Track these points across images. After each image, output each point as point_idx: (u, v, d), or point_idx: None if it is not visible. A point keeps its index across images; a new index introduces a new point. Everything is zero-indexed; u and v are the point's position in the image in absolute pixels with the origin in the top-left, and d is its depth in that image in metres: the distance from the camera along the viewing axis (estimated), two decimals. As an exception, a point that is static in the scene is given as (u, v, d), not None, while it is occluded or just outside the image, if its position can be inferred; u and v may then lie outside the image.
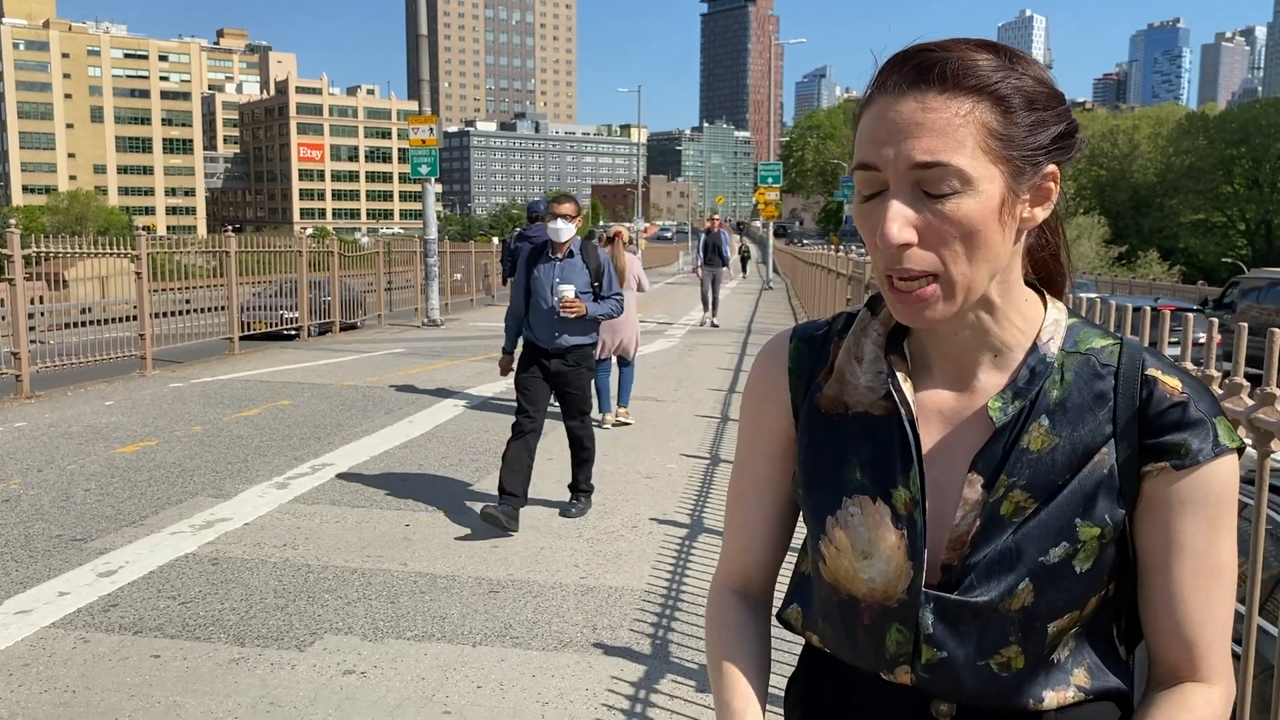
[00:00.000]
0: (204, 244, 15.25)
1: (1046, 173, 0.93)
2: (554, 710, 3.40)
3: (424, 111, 18.14)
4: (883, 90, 0.91)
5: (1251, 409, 1.98)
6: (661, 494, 6.19)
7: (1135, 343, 0.98)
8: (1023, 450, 0.95)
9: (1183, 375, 0.96)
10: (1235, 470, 0.94)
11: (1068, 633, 0.97)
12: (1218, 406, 0.95)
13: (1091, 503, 0.94)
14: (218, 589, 4.49)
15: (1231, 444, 0.93)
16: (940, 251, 0.90)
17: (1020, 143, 0.90)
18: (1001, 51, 0.91)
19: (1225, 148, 66.69)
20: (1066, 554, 0.94)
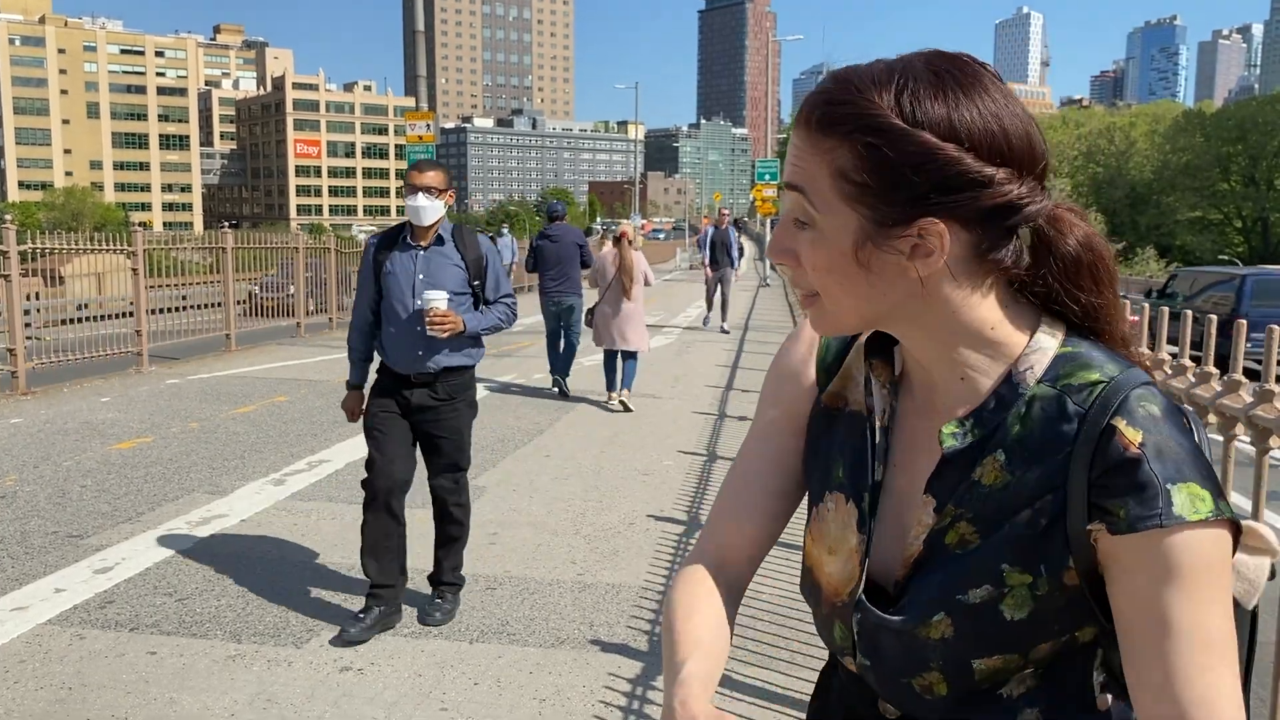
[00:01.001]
0: (200, 240, 15.22)
1: (923, 226, 0.87)
2: (551, 707, 3.40)
3: (421, 108, 18.11)
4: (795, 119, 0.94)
5: (1250, 405, 1.98)
6: (659, 491, 6.19)
7: (1125, 382, 0.88)
8: (974, 482, 0.92)
9: (1150, 429, 0.85)
10: (1208, 544, 0.85)
11: (1010, 672, 0.93)
12: (1188, 470, 0.84)
13: (1026, 550, 0.90)
14: (214, 586, 4.48)
15: (1192, 515, 0.83)
16: (808, 277, 0.92)
17: (880, 192, 0.87)
18: (905, 93, 0.86)
19: (1222, 145, 66.74)
20: (989, 597, 0.90)
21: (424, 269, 4.01)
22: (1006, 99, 0.89)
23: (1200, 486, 0.84)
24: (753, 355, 13.26)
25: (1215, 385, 2.14)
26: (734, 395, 9.92)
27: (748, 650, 3.78)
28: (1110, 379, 0.89)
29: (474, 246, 4.11)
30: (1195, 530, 0.84)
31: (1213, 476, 0.86)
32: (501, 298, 4.20)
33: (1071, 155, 72.79)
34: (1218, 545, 0.85)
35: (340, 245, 16.92)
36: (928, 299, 0.90)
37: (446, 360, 4.02)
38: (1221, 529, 0.85)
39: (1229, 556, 0.86)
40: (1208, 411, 2.12)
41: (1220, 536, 0.85)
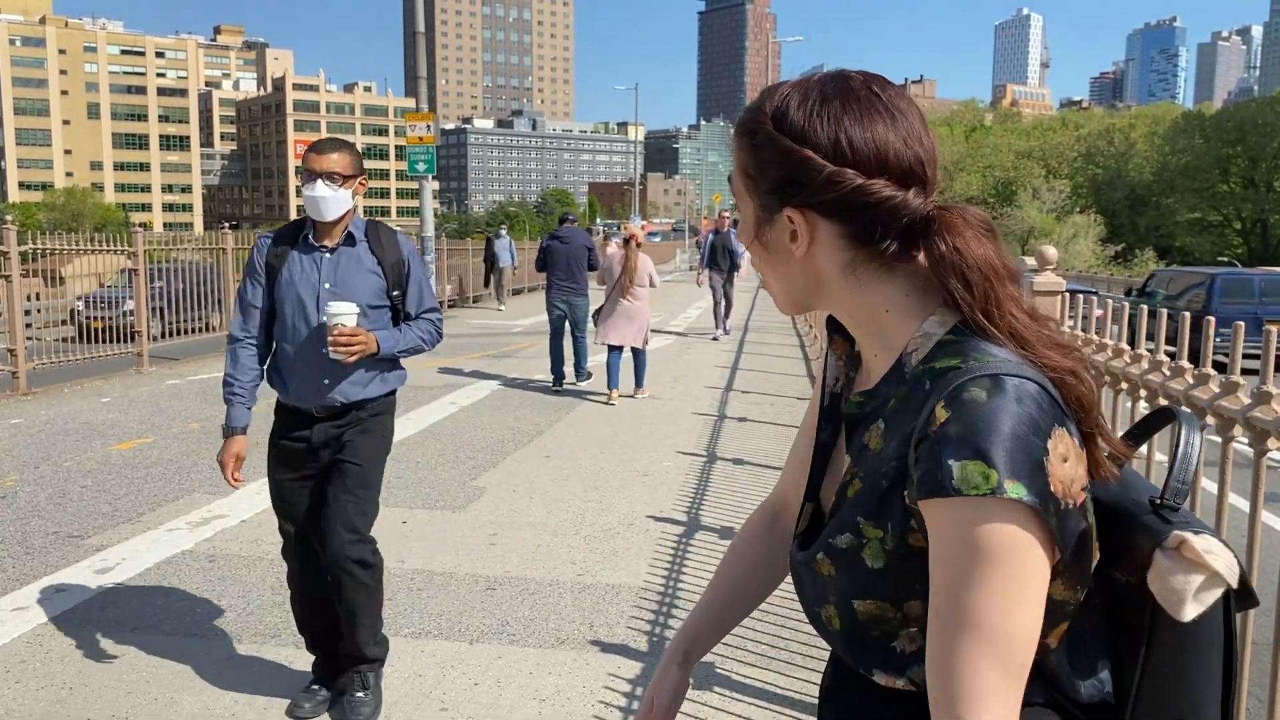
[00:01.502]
0: (201, 241, 15.22)
1: (789, 214, 1.03)
2: (551, 707, 3.40)
3: (421, 109, 18.14)
4: None
5: (1248, 407, 1.99)
6: (658, 492, 6.19)
7: (972, 369, 0.94)
8: (865, 445, 1.05)
9: (960, 410, 0.91)
10: (982, 519, 0.89)
11: (892, 624, 1.01)
12: (982, 449, 0.89)
13: (874, 507, 1.00)
14: (215, 586, 4.48)
15: (969, 491, 0.88)
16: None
17: (756, 184, 1.06)
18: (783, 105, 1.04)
19: (1221, 146, 66.71)
20: (852, 544, 1.02)
21: (331, 276, 3.20)
22: (890, 118, 1.02)
23: (989, 465, 0.89)
24: (752, 356, 13.26)
25: (1214, 387, 2.15)
26: (733, 396, 9.93)
27: (748, 650, 3.79)
28: (963, 367, 0.96)
29: (393, 248, 3.30)
30: (970, 505, 0.89)
31: (1021, 463, 0.89)
32: (425, 312, 3.37)
33: (1071, 157, 72.76)
34: (990, 519, 0.89)
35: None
36: (827, 282, 1.06)
37: (359, 392, 3.25)
38: (1002, 508, 0.89)
39: (1015, 541, 0.90)
40: (1205, 413, 2.12)
41: (998, 516, 0.89)
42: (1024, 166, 69.58)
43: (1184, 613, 0.94)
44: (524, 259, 25.15)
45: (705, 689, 3.52)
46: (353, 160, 3.22)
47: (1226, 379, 2.08)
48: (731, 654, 3.78)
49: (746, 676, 3.62)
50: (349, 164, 3.19)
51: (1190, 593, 0.93)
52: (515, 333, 15.95)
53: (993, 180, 69.95)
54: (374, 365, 3.27)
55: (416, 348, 3.33)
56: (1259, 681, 2.46)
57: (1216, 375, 2.16)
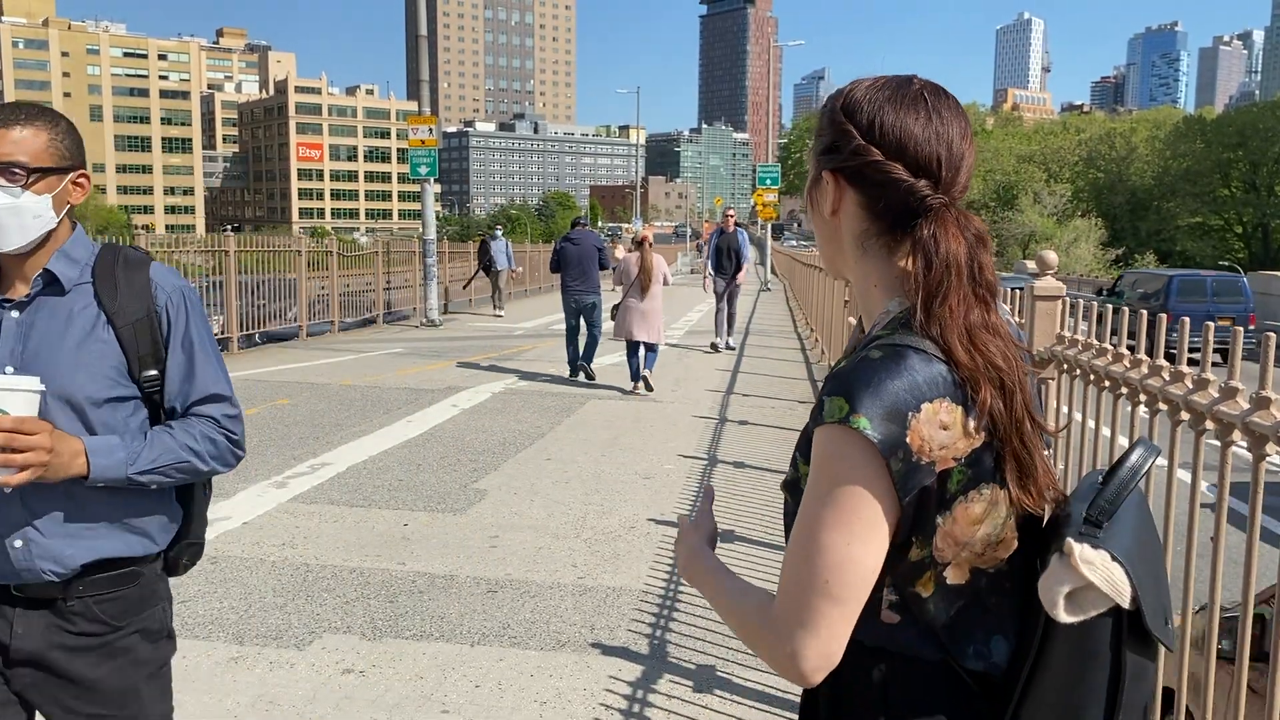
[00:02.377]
0: (203, 243, 15.24)
1: (825, 174, 1.20)
2: (552, 710, 3.41)
3: (423, 112, 18.16)
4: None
5: (1247, 413, 1.99)
6: (659, 495, 6.20)
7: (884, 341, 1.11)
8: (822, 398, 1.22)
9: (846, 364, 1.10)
10: (829, 442, 1.07)
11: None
12: (847, 389, 1.06)
13: (805, 445, 1.14)
14: (216, 588, 4.49)
15: (827, 418, 1.07)
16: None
17: (818, 147, 1.21)
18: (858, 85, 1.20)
19: (1222, 151, 66.66)
20: (792, 477, 1.17)
21: (16, 349, 1.75)
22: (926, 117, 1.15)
23: (846, 401, 1.06)
24: (753, 360, 13.27)
25: (1212, 392, 2.16)
26: (734, 400, 9.94)
27: (748, 654, 3.79)
28: (878, 337, 1.13)
29: (139, 292, 1.83)
30: (825, 429, 1.07)
31: (875, 405, 1.05)
32: (201, 404, 1.87)
33: (1072, 161, 72.77)
34: (836, 446, 1.06)
35: (342, 249, 16.93)
36: (843, 247, 1.22)
37: (87, 549, 1.78)
38: (843, 436, 1.05)
39: (849, 465, 1.05)
40: (1204, 418, 2.13)
41: (840, 437, 1.06)
42: (1025, 170, 69.58)
43: (1057, 613, 1.05)
44: (524, 261, 25.08)
45: (706, 692, 3.52)
46: (51, 139, 1.75)
47: (1225, 384, 2.09)
48: (731, 657, 3.79)
49: (747, 679, 3.62)
50: (43, 147, 1.74)
51: (1059, 594, 1.04)
52: (517, 335, 15.95)
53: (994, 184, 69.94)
54: (112, 503, 1.78)
55: (184, 465, 1.81)
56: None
57: (1215, 380, 2.17)
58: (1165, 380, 2.34)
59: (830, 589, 1.06)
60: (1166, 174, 68.51)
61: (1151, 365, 2.43)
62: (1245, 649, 2.05)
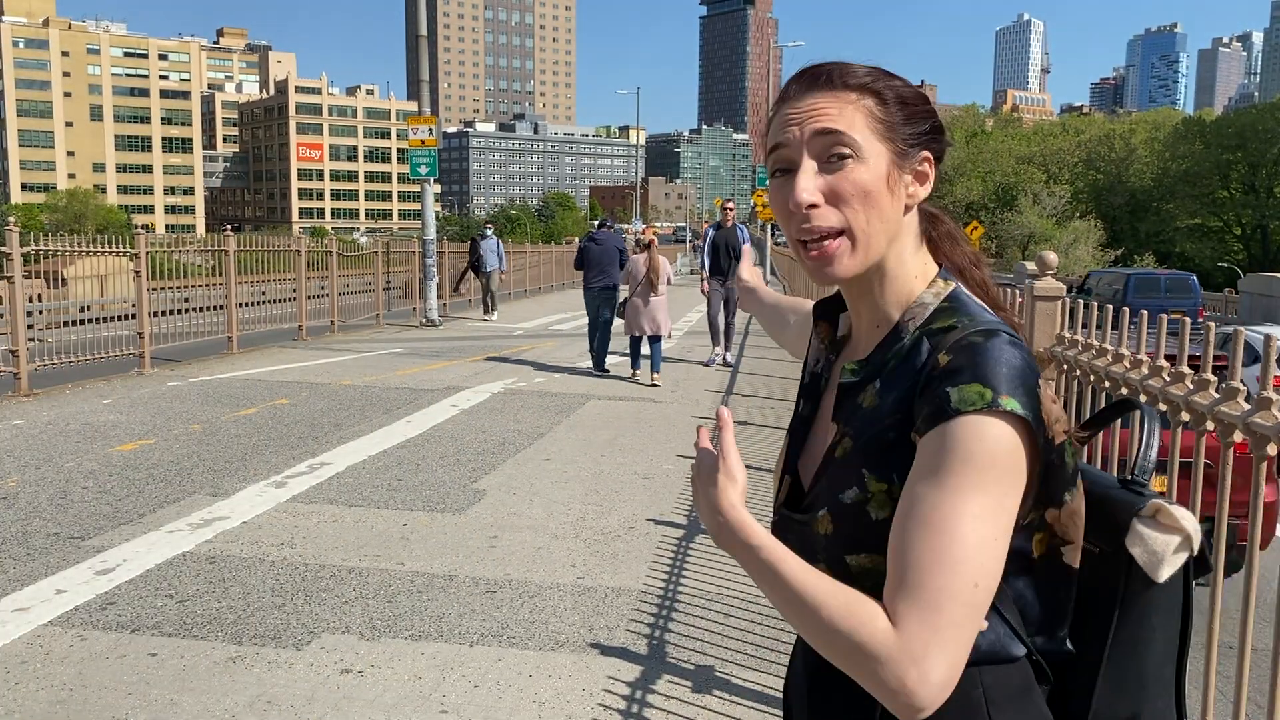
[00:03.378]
0: (203, 243, 15.23)
1: (923, 157, 1.13)
2: (550, 710, 3.41)
3: (423, 112, 18.16)
4: (785, 99, 1.14)
5: (1248, 413, 1.99)
6: (659, 495, 6.20)
7: (967, 325, 1.05)
8: (858, 405, 1.12)
9: (959, 353, 1.02)
10: (970, 433, 0.97)
11: (882, 576, 1.02)
12: (979, 375, 0.99)
13: (880, 459, 1.06)
14: (215, 588, 4.49)
15: (967, 406, 0.98)
16: (843, 209, 1.09)
17: (899, 128, 1.11)
18: (876, 68, 1.14)
19: (1221, 153, 66.66)
20: (858, 499, 1.06)
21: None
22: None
23: (984, 385, 0.99)
24: (753, 360, 13.26)
25: (1213, 392, 2.15)
26: (734, 400, 9.93)
27: (748, 654, 3.79)
28: (959, 325, 1.07)
29: None
30: (965, 419, 0.98)
31: (1017, 385, 0.99)
32: None
33: (1071, 162, 72.77)
34: (987, 433, 0.98)
35: (341, 249, 16.93)
36: (901, 237, 1.13)
37: None
38: (995, 418, 0.98)
39: (1007, 452, 0.98)
40: (1205, 418, 2.13)
41: (991, 424, 0.97)
42: (1024, 172, 69.59)
43: (1161, 573, 1.04)
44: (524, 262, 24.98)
45: (705, 693, 3.52)
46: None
47: (1226, 385, 2.09)
48: (731, 657, 3.79)
49: (746, 680, 3.62)
50: None
51: (1169, 553, 1.03)
52: (516, 335, 15.95)
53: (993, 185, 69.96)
54: None
55: None
56: (1258, 688, 2.46)
57: (1215, 380, 2.16)
58: (1166, 381, 2.33)
59: (978, 593, 0.95)
60: (1166, 175, 68.52)
61: (1152, 366, 2.43)
62: (1245, 650, 2.04)
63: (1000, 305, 1.16)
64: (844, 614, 0.96)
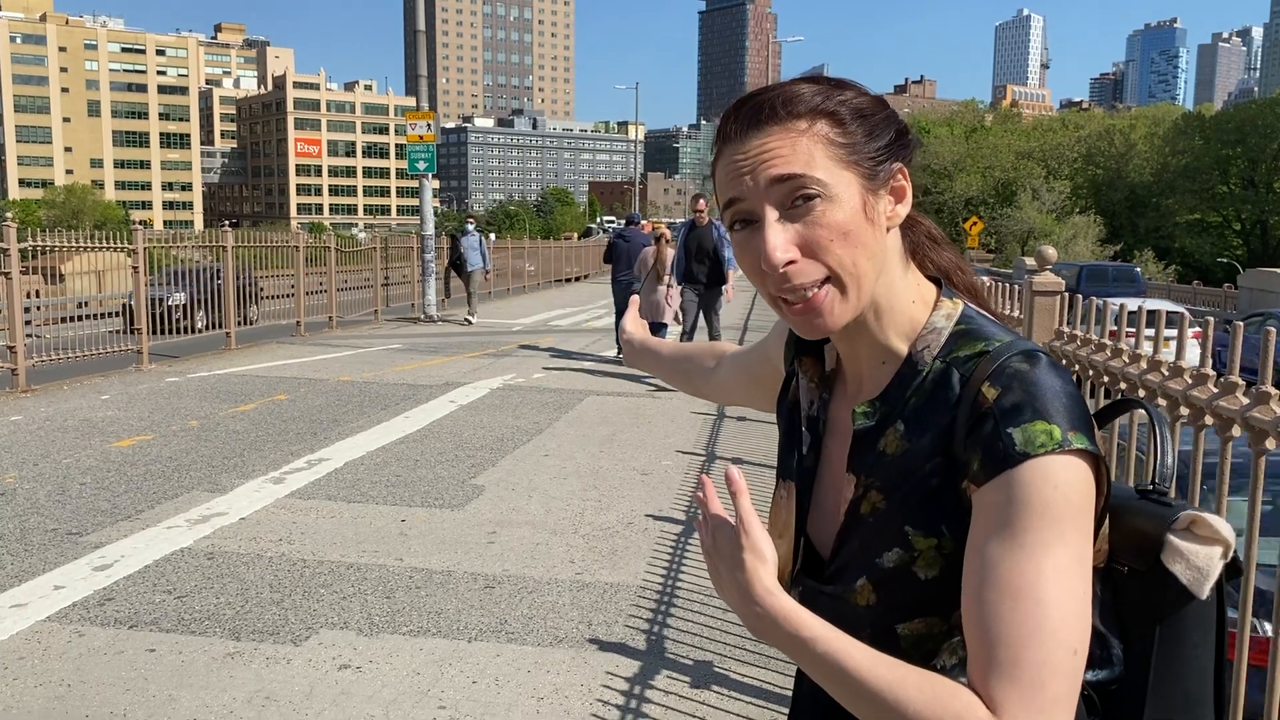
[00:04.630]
0: (201, 239, 15.22)
1: (895, 170, 0.99)
2: (549, 705, 3.41)
3: (421, 107, 18.14)
4: (727, 139, 0.99)
5: (1247, 407, 1.99)
6: (657, 491, 6.19)
7: (1002, 350, 0.95)
8: (880, 452, 0.99)
9: (1009, 384, 0.91)
10: (1043, 479, 0.87)
11: (938, 640, 0.96)
12: (1040, 411, 0.89)
13: (922, 511, 0.95)
14: (213, 583, 4.49)
15: (1035, 450, 0.87)
16: (823, 258, 0.95)
17: (861, 148, 0.97)
18: (821, 80, 0.99)
19: (1221, 148, 66.64)
20: (902, 560, 0.96)
21: None
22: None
23: (1048, 422, 0.88)
24: (752, 356, 13.25)
25: (1212, 387, 2.15)
26: (733, 396, 9.92)
27: (746, 650, 3.79)
28: (992, 349, 0.96)
29: None
30: (1036, 464, 0.87)
31: (1079, 418, 0.90)
32: None
33: (1071, 157, 72.73)
34: (1061, 477, 0.88)
35: (340, 244, 16.92)
36: (889, 265, 1.00)
37: None
38: (1070, 460, 0.88)
39: (1081, 494, 0.89)
40: (1204, 413, 2.13)
41: (1065, 466, 0.88)
42: (1024, 167, 69.54)
43: (1206, 590, 0.96)
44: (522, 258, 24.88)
45: (703, 688, 3.52)
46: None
47: (1225, 379, 2.09)
48: (729, 653, 3.79)
49: (744, 675, 3.62)
50: None
51: (1214, 568, 0.95)
52: (515, 331, 15.94)
53: (993, 181, 69.93)
54: None
55: None
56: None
57: (1213, 375, 2.16)
58: (1164, 375, 2.33)
59: (1077, 660, 0.86)
60: (1165, 171, 68.50)
61: (1150, 360, 2.43)
62: (1244, 653, 2.04)
63: (992, 310, 1.08)
64: (933, 708, 0.85)
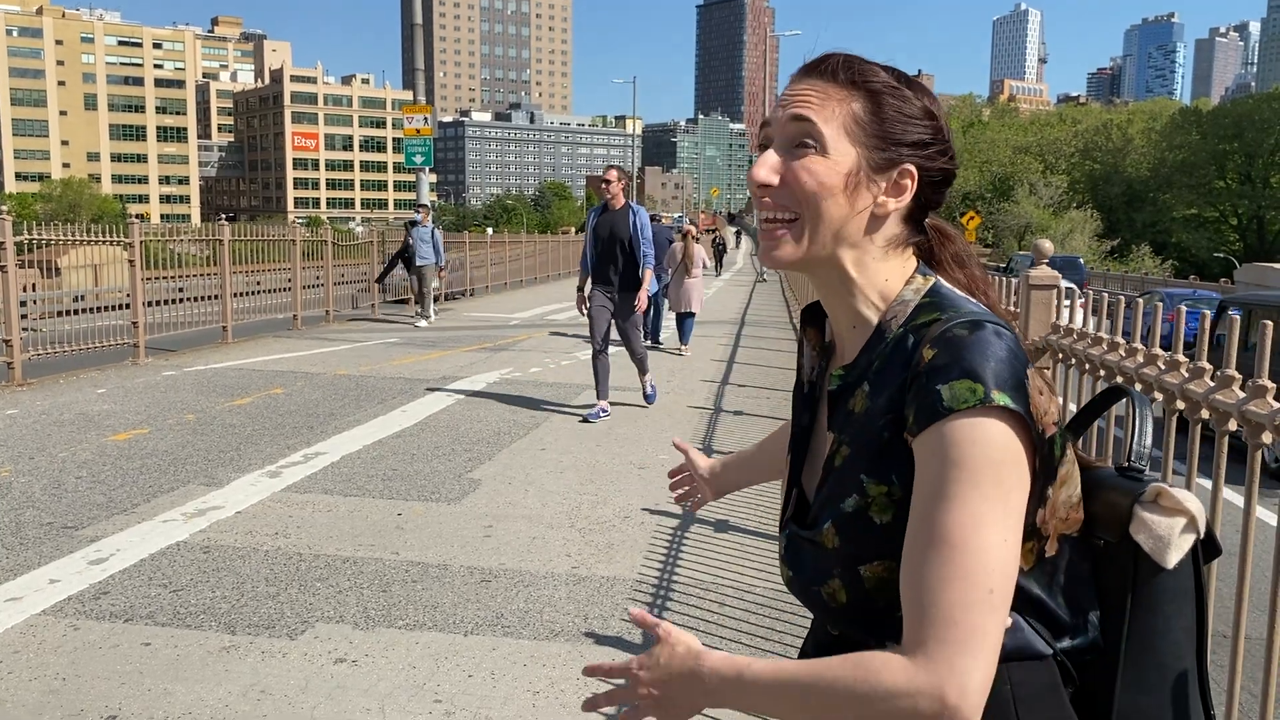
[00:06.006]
0: (198, 232, 15.17)
1: (904, 169, 1.09)
2: (545, 699, 3.41)
3: (419, 101, 18.13)
4: (791, 79, 1.14)
5: (1243, 401, 1.99)
6: (654, 484, 6.19)
7: (951, 318, 1.02)
8: (849, 411, 1.09)
9: (945, 345, 0.99)
10: (964, 434, 0.95)
11: (896, 585, 1.00)
12: (968, 369, 0.96)
13: (876, 462, 1.03)
14: (209, 577, 4.48)
15: (960, 404, 0.95)
16: (794, 196, 1.08)
17: (880, 135, 1.08)
18: (896, 73, 1.11)
19: (1218, 143, 66.71)
20: (859, 505, 1.04)
21: None
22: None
23: (975, 380, 0.96)
24: (749, 350, 13.26)
25: (1208, 380, 2.15)
26: (730, 390, 9.93)
27: (742, 644, 3.79)
28: (944, 317, 1.04)
29: None
30: (958, 419, 0.96)
31: (1008, 378, 0.97)
32: None
33: (1068, 152, 72.78)
34: (981, 433, 0.95)
35: (337, 238, 16.89)
36: (867, 244, 1.10)
37: None
38: (991, 416, 0.95)
39: (1001, 449, 0.96)
40: (1200, 406, 2.12)
41: (986, 423, 0.95)
42: (1021, 162, 69.62)
43: (1169, 559, 1.01)
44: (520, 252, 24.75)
45: (699, 681, 3.52)
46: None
47: (1221, 373, 2.08)
48: (725, 647, 3.78)
49: (741, 669, 3.61)
50: None
51: (1174, 537, 1.01)
52: (512, 325, 15.93)
53: (990, 175, 69.96)
54: None
55: None
56: (1252, 675, 2.46)
57: (1210, 368, 2.16)
58: (1161, 369, 2.33)
59: (995, 598, 0.93)
60: (1162, 165, 68.58)
61: (1147, 354, 2.42)
62: (1239, 639, 2.04)
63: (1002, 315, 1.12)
64: (858, 674, 0.94)
